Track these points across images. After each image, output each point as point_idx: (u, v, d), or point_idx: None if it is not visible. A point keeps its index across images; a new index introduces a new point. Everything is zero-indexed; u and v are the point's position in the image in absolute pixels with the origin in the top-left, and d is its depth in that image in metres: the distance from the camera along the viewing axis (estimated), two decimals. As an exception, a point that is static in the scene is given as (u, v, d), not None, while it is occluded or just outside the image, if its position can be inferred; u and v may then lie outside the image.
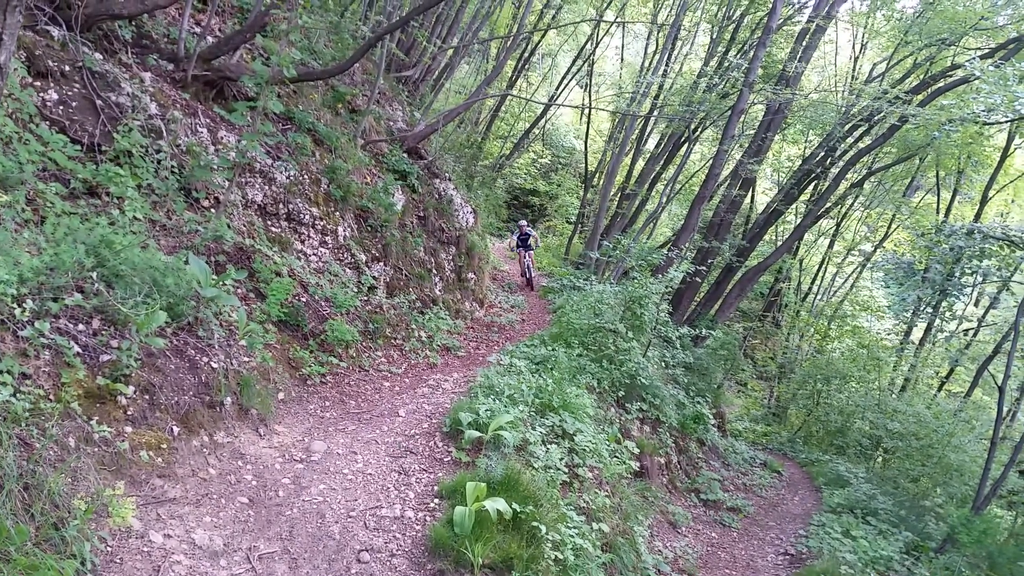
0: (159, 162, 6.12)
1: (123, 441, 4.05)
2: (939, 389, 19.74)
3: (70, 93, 5.74)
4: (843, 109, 15.64)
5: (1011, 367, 10.25)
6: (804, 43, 15.85)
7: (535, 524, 4.82)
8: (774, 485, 13.27)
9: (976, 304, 23.09)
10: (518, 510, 4.81)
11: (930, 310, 16.62)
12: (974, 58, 11.94)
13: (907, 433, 14.57)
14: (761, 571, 8.84)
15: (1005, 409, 10.39)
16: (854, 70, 21.27)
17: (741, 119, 16.61)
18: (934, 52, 15.87)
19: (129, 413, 4.24)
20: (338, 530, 4.49)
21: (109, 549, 3.63)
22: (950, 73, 15.20)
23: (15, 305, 3.84)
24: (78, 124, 5.66)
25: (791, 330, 23.95)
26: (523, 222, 16.95)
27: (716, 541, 9.79)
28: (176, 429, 4.54)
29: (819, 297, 25.46)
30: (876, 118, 15.30)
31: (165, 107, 6.53)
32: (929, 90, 15.08)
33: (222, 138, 7.11)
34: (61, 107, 5.61)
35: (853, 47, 21.30)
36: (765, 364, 24.39)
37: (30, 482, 3.32)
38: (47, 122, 5.40)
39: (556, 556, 4.97)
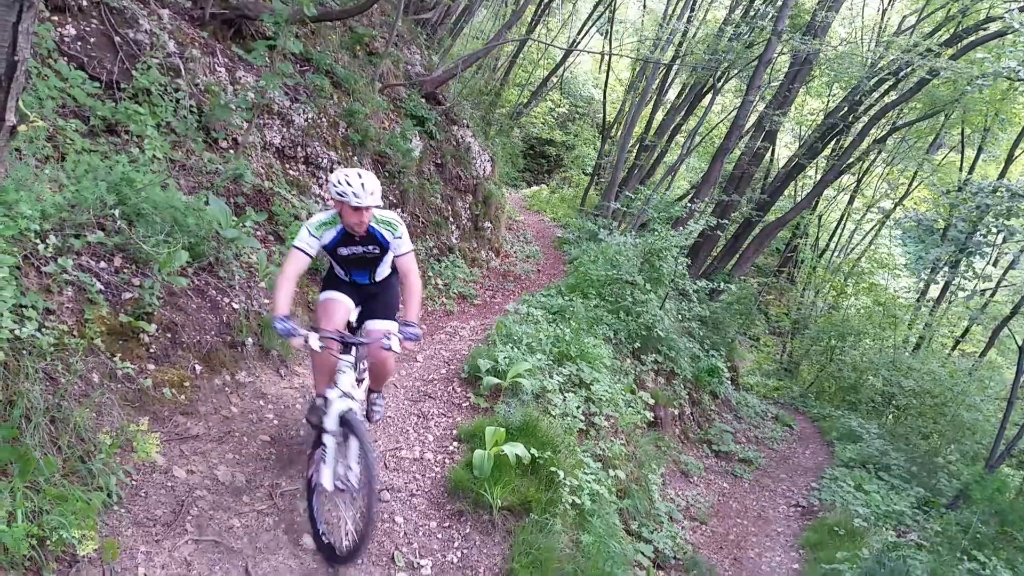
0: (178, 101, 6.03)
1: (146, 378, 4.08)
2: (953, 348, 19.65)
3: (88, 29, 5.65)
4: (870, 62, 15.24)
5: (1032, 327, 10.16)
6: (834, -9, 15.42)
7: (553, 469, 4.86)
8: (785, 439, 13.33)
9: (995, 264, 22.80)
10: (536, 455, 4.84)
11: (948, 268, 16.38)
12: (1012, 9, 11.55)
13: (921, 391, 14.57)
14: (772, 522, 8.93)
15: (1023, 368, 10.32)
16: (882, 22, 20.68)
17: (768, 69, 16.24)
18: (967, 4, 15.37)
19: (152, 351, 4.26)
20: (358, 470, 4.53)
21: (134, 483, 3.69)
22: (984, 26, 14.74)
23: (38, 241, 3.83)
24: (96, 61, 5.57)
25: (806, 286, 23.78)
26: (351, 176, 3.73)
27: (727, 491, 9.88)
28: (198, 368, 4.56)
29: (836, 254, 25.21)
30: (904, 72, 14.91)
31: (184, 45, 6.43)
32: (961, 44, 14.64)
33: (240, 78, 7.01)
34: (79, 43, 5.52)
35: (882, -2, 20.70)
36: (779, 320, 24.28)
37: (56, 416, 3.35)
38: (65, 58, 5.32)
39: (573, 500, 5.03)
